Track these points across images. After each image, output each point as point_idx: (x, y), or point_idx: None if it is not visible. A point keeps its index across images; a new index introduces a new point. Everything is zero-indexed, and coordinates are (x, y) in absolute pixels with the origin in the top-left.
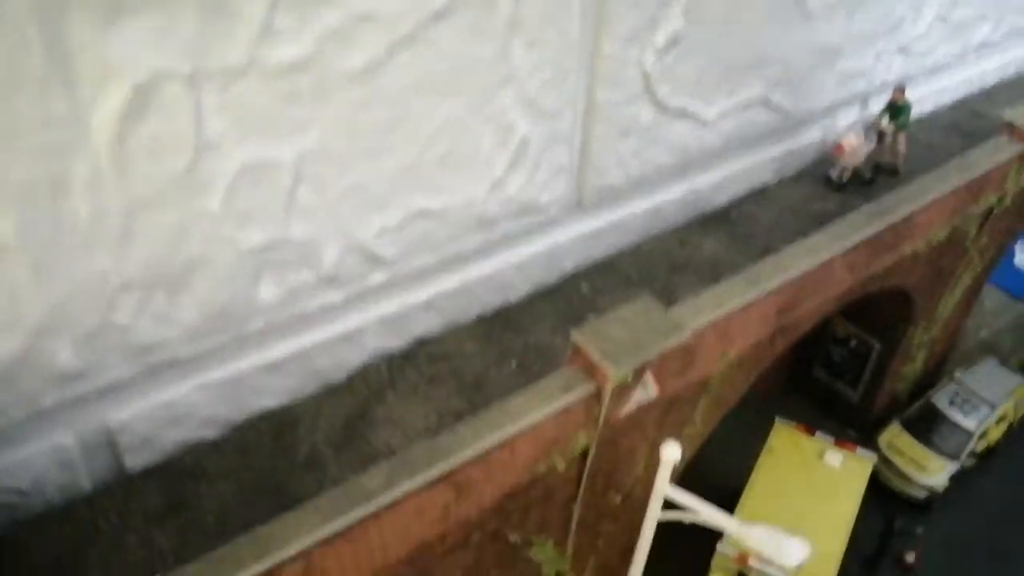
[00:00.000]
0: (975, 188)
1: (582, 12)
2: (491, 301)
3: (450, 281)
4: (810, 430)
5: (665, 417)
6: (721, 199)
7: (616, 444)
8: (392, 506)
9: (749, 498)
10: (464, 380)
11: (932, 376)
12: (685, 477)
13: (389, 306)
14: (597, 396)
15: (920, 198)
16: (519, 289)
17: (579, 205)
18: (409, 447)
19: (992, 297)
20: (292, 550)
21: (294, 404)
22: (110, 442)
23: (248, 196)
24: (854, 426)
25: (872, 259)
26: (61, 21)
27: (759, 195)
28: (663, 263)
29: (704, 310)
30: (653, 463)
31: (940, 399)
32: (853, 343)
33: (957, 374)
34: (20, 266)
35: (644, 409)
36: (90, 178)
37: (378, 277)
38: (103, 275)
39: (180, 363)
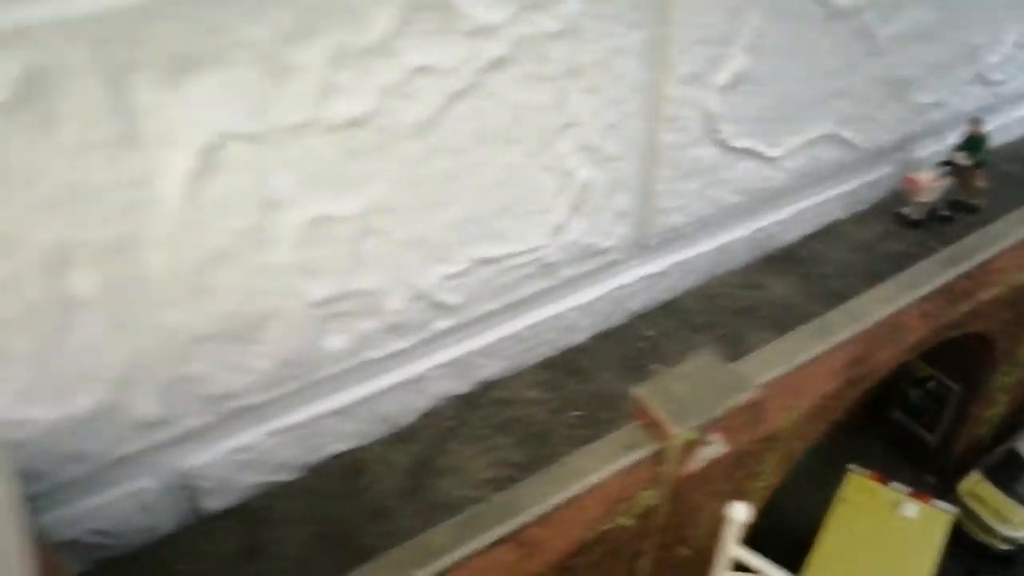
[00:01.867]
0: None
1: (642, 55)
2: (555, 343)
3: (514, 325)
4: (884, 480)
5: (734, 472)
6: (789, 236)
7: (684, 500)
8: (458, 565)
9: (820, 550)
10: (527, 430)
11: (1017, 419)
12: (755, 524)
13: (454, 351)
14: (662, 454)
15: (999, 242)
16: (583, 331)
17: (642, 247)
18: (475, 504)
19: None
20: None
21: (362, 448)
22: (188, 486)
23: (315, 250)
24: (932, 471)
25: (948, 307)
26: (127, 85)
27: (829, 232)
28: (729, 306)
29: (772, 364)
30: (723, 517)
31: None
32: (931, 385)
33: None
34: (100, 322)
35: (712, 465)
36: (162, 237)
37: (443, 323)
38: (178, 329)
39: (254, 409)
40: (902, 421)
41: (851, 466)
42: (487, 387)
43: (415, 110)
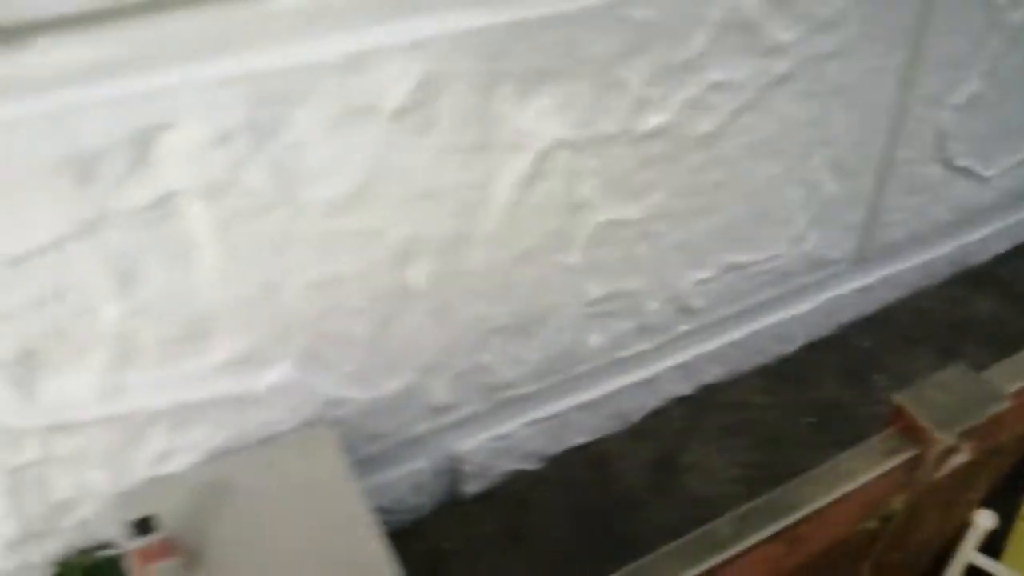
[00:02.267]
0: None
1: (895, 74)
2: (769, 351)
3: (740, 332)
4: None
5: (960, 481)
6: (985, 255)
7: (917, 506)
8: (739, 556)
9: (1009, 557)
10: (760, 433)
11: None
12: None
13: (686, 354)
14: (919, 460)
15: None
16: (796, 341)
17: (860, 260)
18: (725, 500)
19: None
20: None
21: (599, 442)
22: (454, 469)
23: (600, 251)
24: None
25: None
26: (491, 95)
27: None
28: (940, 321)
29: (1014, 378)
30: (942, 526)
31: None
32: None
33: None
34: (425, 311)
35: (950, 473)
36: (485, 235)
37: (684, 327)
38: (482, 320)
39: (519, 400)
40: None
41: None
42: (709, 390)
43: (704, 123)
